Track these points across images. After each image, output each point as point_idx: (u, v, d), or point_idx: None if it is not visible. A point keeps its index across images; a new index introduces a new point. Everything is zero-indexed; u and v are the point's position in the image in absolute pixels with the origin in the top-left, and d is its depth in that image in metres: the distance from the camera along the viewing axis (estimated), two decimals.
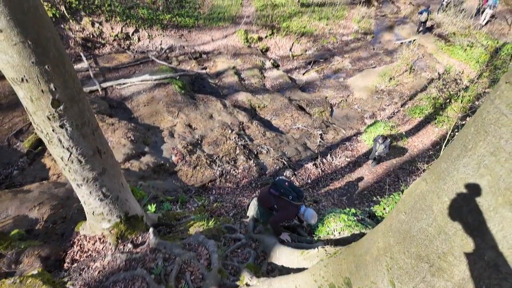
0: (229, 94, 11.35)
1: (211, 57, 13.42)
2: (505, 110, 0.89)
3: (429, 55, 14.56)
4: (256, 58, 13.79)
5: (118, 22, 12.61)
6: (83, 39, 11.70)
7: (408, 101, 11.93)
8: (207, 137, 8.51)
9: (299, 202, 3.84)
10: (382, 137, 8.30)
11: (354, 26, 17.29)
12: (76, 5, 11.75)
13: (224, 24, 15.44)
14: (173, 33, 13.95)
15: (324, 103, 12.04)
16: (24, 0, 1.90)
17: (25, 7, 1.89)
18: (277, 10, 16.72)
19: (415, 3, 19.56)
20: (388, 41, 16.52)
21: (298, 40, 15.74)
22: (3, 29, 1.86)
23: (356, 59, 15.01)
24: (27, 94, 2.14)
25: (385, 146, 8.23)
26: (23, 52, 1.96)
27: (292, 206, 3.82)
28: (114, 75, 10.62)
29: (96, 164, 2.69)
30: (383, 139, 8.27)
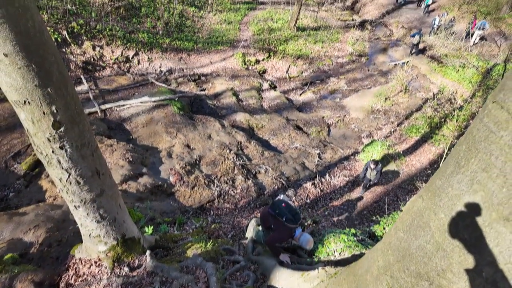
0: (228, 115, 11.47)
1: (210, 79, 13.67)
2: (493, 128, 0.93)
3: (423, 76, 14.92)
4: (254, 80, 14.06)
5: (118, 45, 12.92)
6: (84, 62, 11.93)
7: (404, 120, 12.09)
8: (206, 157, 8.52)
9: (293, 224, 3.76)
10: (374, 162, 7.81)
11: (349, 48, 17.80)
12: (78, 30, 12.07)
13: (222, 48, 15.85)
14: (172, 56, 14.27)
15: (321, 122, 12.17)
16: (30, 25, 1.97)
17: (31, 32, 1.96)
18: (274, 34, 17.24)
19: (407, 26, 20.27)
20: (382, 63, 16.96)
21: (294, 63, 16.13)
22: (8, 54, 1.92)
23: (351, 80, 15.34)
24: (29, 116, 2.18)
25: (377, 172, 7.82)
26: (27, 75, 2.01)
27: (286, 228, 3.75)
28: (114, 97, 10.75)
29: (94, 185, 2.69)
30: (374, 164, 7.77)
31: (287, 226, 3.73)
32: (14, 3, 1.85)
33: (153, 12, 15.29)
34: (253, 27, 17.82)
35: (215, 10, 18.48)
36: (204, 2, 18.61)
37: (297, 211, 3.96)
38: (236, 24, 18.06)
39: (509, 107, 0.90)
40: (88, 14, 12.80)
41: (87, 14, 12.77)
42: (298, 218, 3.82)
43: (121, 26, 13.56)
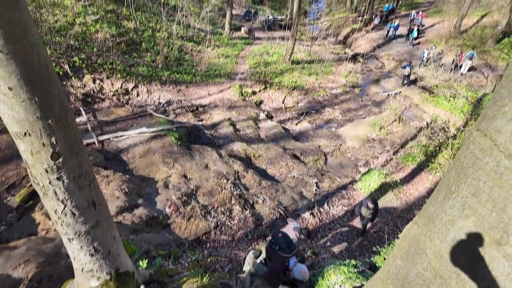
0: (225, 144, 11.55)
1: (208, 110, 13.92)
2: (479, 155, 0.97)
3: (415, 106, 15.32)
4: (251, 110, 14.33)
5: (118, 78, 13.27)
6: (84, 94, 12.17)
7: (400, 149, 12.22)
8: (202, 187, 8.45)
9: (286, 254, 3.69)
10: (372, 201, 7.17)
11: (342, 80, 18.39)
12: (80, 64, 12.44)
13: (220, 80, 16.32)
14: (171, 88, 14.63)
15: (318, 151, 12.25)
16: (36, 60, 2.05)
17: (36, 67, 2.04)
18: (270, 67, 17.85)
19: (397, 59, 21.13)
20: (376, 93, 17.45)
21: (290, 94, 16.55)
22: (13, 88, 1.98)
23: (346, 110, 15.68)
24: (28, 148, 2.20)
25: (373, 211, 7.28)
26: (30, 108, 2.06)
27: (279, 257, 3.68)
28: (112, 128, 10.85)
29: (89, 216, 2.65)
30: (373, 203, 7.15)
31: (280, 255, 3.66)
32: (22, 40, 1.95)
33: (153, 47, 15.89)
34: (249, 61, 18.48)
35: (213, 45, 19.26)
36: (202, 38, 19.44)
37: (293, 241, 3.90)
38: (234, 58, 18.74)
39: (492, 135, 0.94)
40: (90, 49, 13.27)
41: (89, 49, 13.23)
42: (292, 248, 3.76)
43: (122, 60, 14.02)
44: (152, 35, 16.48)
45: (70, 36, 12.63)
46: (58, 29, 12.73)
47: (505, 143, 0.91)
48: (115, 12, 16.01)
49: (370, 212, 7.31)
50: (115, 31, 14.75)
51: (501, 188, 0.90)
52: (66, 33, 12.73)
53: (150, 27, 16.86)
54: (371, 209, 7.25)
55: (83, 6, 14.48)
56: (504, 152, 0.91)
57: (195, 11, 20.86)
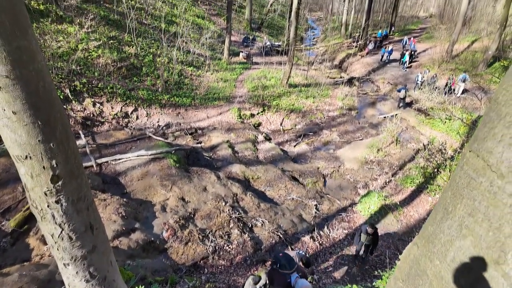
0: (223, 167, 11.53)
1: (206, 132, 14.02)
2: (473, 175, 0.99)
3: (412, 128, 15.51)
4: (249, 132, 14.44)
5: (118, 102, 13.45)
6: (83, 118, 12.27)
7: (398, 171, 12.23)
8: (200, 210, 8.34)
9: (286, 270, 3.66)
10: (371, 226, 7.02)
11: (339, 103, 18.70)
12: (80, 88, 12.65)
13: (219, 103, 16.56)
14: (170, 111, 14.80)
15: (317, 173, 12.23)
16: (41, 85, 2.11)
17: (40, 91, 2.10)
18: (267, 91, 18.19)
19: (392, 82, 21.63)
20: (372, 116, 17.70)
21: (288, 116, 16.76)
22: (17, 112, 2.02)
23: (343, 132, 15.83)
24: (28, 171, 2.21)
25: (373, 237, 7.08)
26: (32, 131, 2.09)
27: (280, 275, 3.65)
28: (111, 151, 10.86)
29: (86, 240, 2.61)
30: (372, 229, 6.98)
31: (281, 272, 3.63)
32: (28, 66, 2.02)
33: (153, 72, 16.24)
34: (248, 85, 18.86)
35: (212, 69, 19.71)
36: (202, 63, 19.92)
37: (293, 258, 3.87)
38: (232, 82, 19.12)
39: (484, 156, 0.97)
40: (91, 74, 13.54)
41: (90, 74, 13.50)
42: (293, 265, 3.72)
43: (122, 84, 14.27)
44: (152, 60, 16.89)
45: (72, 61, 12.92)
46: (60, 55, 13.04)
47: (496, 163, 0.94)
48: (117, 38, 16.50)
49: (369, 239, 7.07)
50: (117, 56, 15.12)
51: (496, 207, 0.92)
52: (68, 58, 13.03)
53: (151, 53, 17.32)
54: (370, 235, 7.02)
55: (86, 32, 14.92)
56: (497, 172, 0.93)
57: (195, 37, 21.53)
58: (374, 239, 7.14)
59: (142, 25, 19.27)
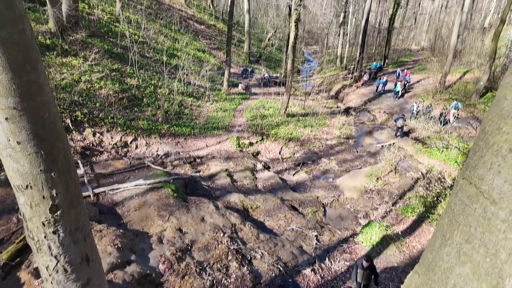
0: (222, 196, 11.41)
1: (205, 161, 14.03)
2: (467, 201, 1.02)
3: (410, 156, 15.59)
4: (248, 161, 14.45)
5: (118, 132, 13.58)
6: (83, 147, 12.31)
7: (399, 200, 12.12)
8: (198, 242, 8.13)
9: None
10: (366, 259, 6.73)
11: (336, 132, 18.94)
12: (81, 118, 12.83)
13: (218, 132, 16.74)
14: (170, 140, 14.91)
15: (316, 203, 12.09)
16: (46, 116, 2.17)
17: (45, 122, 2.15)
18: (266, 120, 18.48)
19: (388, 112, 22.08)
20: (370, 145, 17.85)
21: (286, 145, 16.88)
22: (21, 142, 2.06)
23: (342, 161, 15.87)
24: (28, 201, 2.21)
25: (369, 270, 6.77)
26: (35, 161, 2.12)
27: None
28: (109, 181, 10.79)
29: (82, 273, 2.54)
30: (368, 261, 6.71)
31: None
32: (36, 98, 2.09)
33: (154, 102, 16.58)
34: (246, 114, 19.18)
35: (212, 100, 20.15)
36: (202, 94, 20.41)
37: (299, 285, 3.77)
38: (231, 112, 19.47)
39: (476, 183, 1.00)
40: (93, 104, 13.80)
41: (92, 104, 13.76)
42: None
43: (123, 114, 14.50)
44: (153, 91, 17.29)
45: (75, 92, 13.22)
46: (63, 86, 13.37)
47: (488, 190, 0.96)
48: (120, 70, 17.01)
49: (367, 274, 6.79)
50: (118, 87, 15.51)
51: (491, 233, 0.93)
52: (71, 89, 13.35)
53: (152, 84, 17.78)
54: (367, 268, 6.72)
55: (90, 65, 15.41)
56: (489, 198, 0.96)
57: (195, 69, 22.22)
58: (372, 273, 6.87)
59: (144, 58, 19.96)
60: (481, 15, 44.17)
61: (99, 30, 19.27)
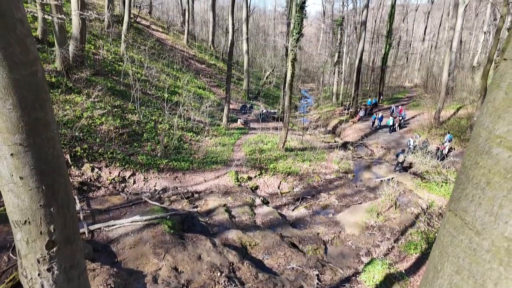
0: (219, 232, 11.13)
1: (203, 196, 13.89)
2: (454, 233, 1.05)
3: (409, 191, 15.51)
4: (247, 196, 14.31)
5: (117, 167, 13.59)
6: (80, 183, 12.24)
7: (400, 236, 11.85)
8: (194, 282, 7.81)
9: None
10: None
11: (335, 166, 18.98)
12: (81, 153, 12.90)
13: (216, 167, 16.76)
14: (168, 175, 14.87)
15: (317, 239, 11.79)
16: (50, 152, 2.24)
17: (49, 158, 2.21)
18: (264, 154, 18.61)
19: (385, 146, 22.33)
20: (369, 179, 17.82)
21: (285, 179, 16.83)
22: (24, 177, 2.11)
23: (341, 195, 15.73)
24: (25, 237, 2.20)
25: None
26: (35, 196, 2.15)
27: None
28: (105, 217, 10.59)
29: None
30: None
31: None
32: (42, 134, 2.17)
33: (154, 137, 16.78)
34: (245, 148, 19.35)
35: (211, 135, 20.44)
36: (201, 129, 20.74)
37: None
38: (230, 146, 19.66)
39: (461, 214, 1.04)
40: (93, 140, 13.96)
41: (92, 140, 13.92)
42: None
43: (122, 149, 14.61)
44: (154, 127, 17.59)
45: (76, 128, 13.43)
46: (65, 122, 13.61)
47: (472, 221, 1.00)
48: (121, 107, 17.44)
49: None
50: (119, 123, 15.79)
51: (478, 264, 0.95)
52: (72, 125, 13.58)
53: (152, 120, 18.14)
54: None
55: (92, 102, 15.82)
56: (473, 229, 0.99)
57: (195, 106, 22.79)
58: None
59: (146, 95, 20.56)
60: (470, 54, 46.45)
61: (103, 68, 20.06)
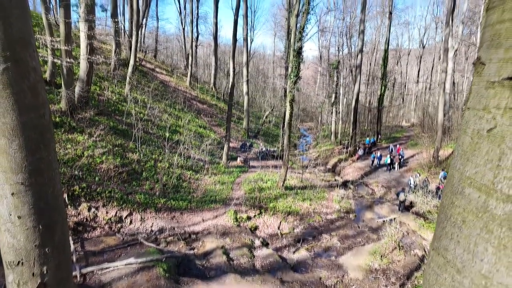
0: (216, 276, 10.66)
1: (200, 237, 13.51)
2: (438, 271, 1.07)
3: (413, 232, 15.12)
4: (245, 237, 13.91)
5: (114, 206, 13.40)
6: (76, 223, 12.01)
7: (406, 280, 11.34)
8: None
9: None
10: None
11: (336, 206, 18.70)
12: (79, 192, 12.81)
13: (215, 206, 16.51)
14: (165, 215, 14.60)
15: (319, 284, 11.25)
16: (50, 192, 2.28)
17: (49, 197, 2.25)
18: (264, 193, 18.43)
19: (386, 185, 22.18)
20: (371, 219, 17.45)
21: (285, 219, 16.48)
22: (22, 216, 2.13)
23: (343, 237, 15.30)
24: (17, 278, 2.16)
25: None
26: (31, 236, 2.16)
27: None
28: (99, 259, 10.24)
29: None
30: None
31: None
32: (43, 174, 2.23)
33: (153, 176, 16.76)
34: (244, 187, 19.21)
35: (210, 173, 20.42)
36: (201, 167, 20.77)
37: None
38: (229, 185, 19.54)
39: (442, 253, 1.07)
40: (92, 179, 13.93)
41: (91, 179, 13.89)
42: None
43: (121, 188, 14.52)
44: (153, 165, 17.65)
45: (76, 167, 13.48)
46: (66, 161, 13.70)
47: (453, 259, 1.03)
48: (122, 146, 17.65)
49: None
50: (119, 162, 15.87)
51: None
52: (72, 164, 13.64)
53: (153, 159, 18.25)
54: None
55: (94, 141, 16.05)
56: (454, 267, 1.01)
57: (196, 144, 23.07)
58: None
59: (147, 134, 20.92)
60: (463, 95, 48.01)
61: (107, 108, 20.65)
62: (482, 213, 0.93)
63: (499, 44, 0.91)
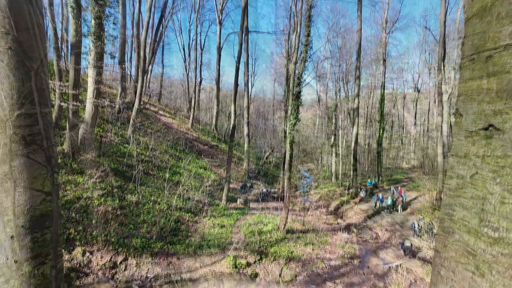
0: None
1: (197, 285, 12.83)
2: None
3: (420, 280, 14.39)
4: (245, 285, 13.19)
5: (109, 250, 12.93)
6: (68, 269, 11.49)
7: None
8: None
9: None
10: None
11: (339, 251, 18.02)
12: (74, 235, 12.45)
13: (213, 251, 15.89)
14: (162, 260, 14.02)
15: None
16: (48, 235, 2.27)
17: (46, 241, 2.24)
18: (264, 236, 17.86)
19: (390, 229, 21.57)
20: (376, 266, 16.70)
21: (286, 265, 15.77)
22: (18, 261, 2.11)
23: (348, 284, 14.53)
24: None
25: None
26: (26, 282, 2.11)
27: None
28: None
29: None
30: None
31: None
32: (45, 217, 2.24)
33: (150, 219, 16.40)
34: (244, 230, 18.67)
35: (209, 215, 19.99)
36: (200, 209, 20.40)
37: None
38: (229, 228, 19.01)
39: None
40: (89, 221, 13.63)
41: (88, 221, 13.59)
42: None
43: (117, 231, 14.14)
44: (152, 208, 17.36)
45: (73, 209, 13.27)
46: (63, 203, 13.53)
47: None
48: (122, 187, 17.54)
49: None
50: (118, 204, 15.66)
51: None
52: (70, 206, 13.45)
53: (151, 201, 18.01)
54: None
55: (94, 182, 15.99)
56: None
57: (196, 185, 22.92)
58: None
59: (147, 176, 20.88)
60: None
61: (109, 150, 20.87)
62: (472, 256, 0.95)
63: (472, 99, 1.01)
